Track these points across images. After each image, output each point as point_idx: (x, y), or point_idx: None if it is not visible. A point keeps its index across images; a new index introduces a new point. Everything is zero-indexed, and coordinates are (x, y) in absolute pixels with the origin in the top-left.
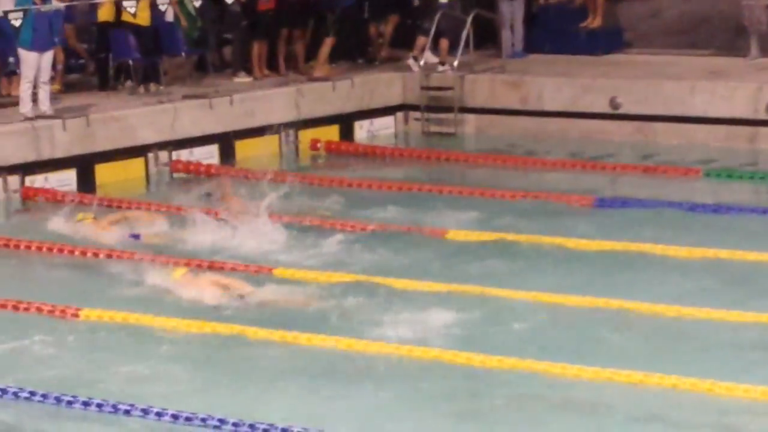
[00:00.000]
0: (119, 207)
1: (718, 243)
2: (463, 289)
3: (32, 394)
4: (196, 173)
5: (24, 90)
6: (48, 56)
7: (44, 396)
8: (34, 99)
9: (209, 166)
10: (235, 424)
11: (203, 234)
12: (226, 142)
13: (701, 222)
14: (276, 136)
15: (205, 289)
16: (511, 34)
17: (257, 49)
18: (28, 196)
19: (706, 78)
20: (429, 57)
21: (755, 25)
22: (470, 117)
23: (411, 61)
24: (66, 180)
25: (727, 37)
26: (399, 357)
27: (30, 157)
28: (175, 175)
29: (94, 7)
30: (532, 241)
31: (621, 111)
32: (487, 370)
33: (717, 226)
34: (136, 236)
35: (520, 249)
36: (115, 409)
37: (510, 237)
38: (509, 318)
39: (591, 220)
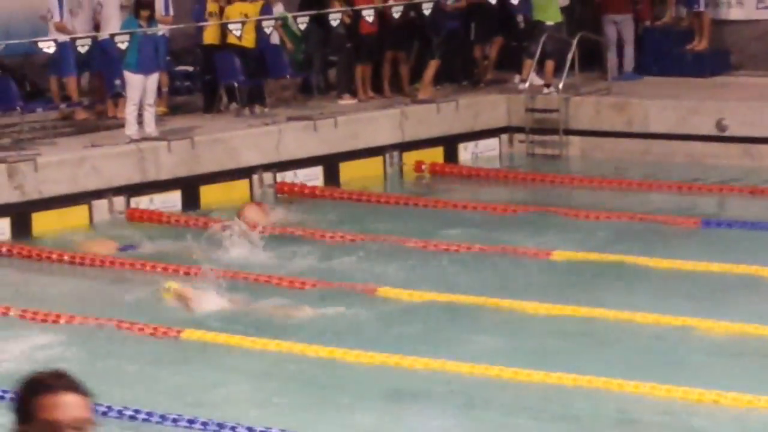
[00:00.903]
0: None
1: None
2: (567, 310)
3: (136, 412)
4: (301, 195)
5: (129, 112)
6: (153, 79)
7: (149, 414)
8: (140, 121)
9: (314, 187)
10: None
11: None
12: (330, 163)
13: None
14: (380, 158)
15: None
16: (619, 56)
17: (361, 71)
18: (134, 217)
19: None
20: (534, 79)
21: None
22: (575, 139)
23: (519, 84)
24: (171, 201)
25: None
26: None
27: (135, 178)
28: (280, 196)
29: (200, 30)
30: (638, 262)
31: (727, 133)
32: (594, 390)
33: None
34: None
35: (625, 270)
36: (220, 427)
37: (615, 258)
38: (615, 338)
39: (697, 242)
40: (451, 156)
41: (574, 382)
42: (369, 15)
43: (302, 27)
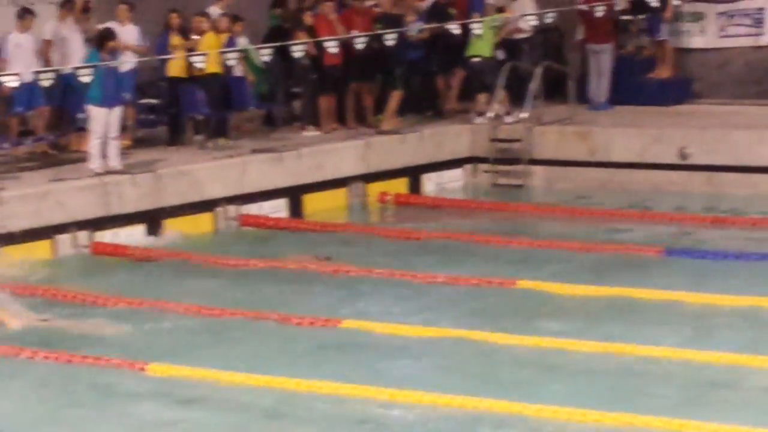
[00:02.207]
0: (188, 259)
1: None
2: (530, 340)
3: None
4: (265, 227)
5: (93, 146)
6: (116, 112)
7: None
8: (104, 155)
9: (278, 219)
10: None
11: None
12: (294, 195)
13: None
14: (345, 189)
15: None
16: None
17: (325, 102)
18: (98, 251)
19: None
20: (498, 109)
21: None
22: (539, 169)
23: (476, 118)
24: (135, 235)
25: None
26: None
27: (99, 212)
28: (244, 229)
29: (163, 63)
30: (601, 292)
31: (690, 161)
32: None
33: None
34: None
35: (588, 299)
36: None
37: (579, 289)
38: (581, 368)
39: (661, 271)
40: (415, 187)
41: (538, 413)
42: (332, 46)
43: (266, 59)
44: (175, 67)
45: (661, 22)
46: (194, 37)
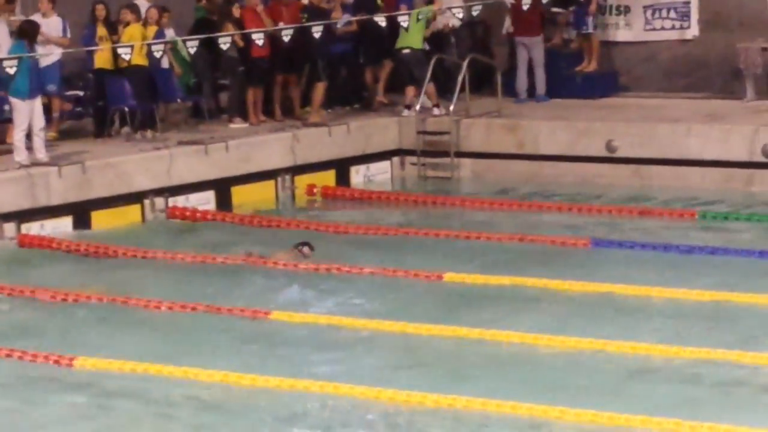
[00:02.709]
0: (114, 254)
1: (714, 285)
2: (460, 331)
3: None
4: (192, 219)
5: (18, 138)
6: (39, 104)
7: None
8: (30, 147)
9: (205, 212)
10: None
11: None
12: (222, 187)
13: (697, 264)
14: (272, 182)
15: None
16: (526, 79)
17: (253, 95)
18: (25, 243)
19: (701, 121)
20: (425, 101)
21: (751, 67)
22: (466, 161)
23: (404, 111)
24: (62, 227)
25: (722, 79)
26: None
27: (26, 204)
28: (171, 221)
29: (90, 54)
30: (528, 284)
31: (617, 154)
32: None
33: (713, 268)
34: None
35: (517, 291)
36: None
37: (506, 280)
38: (509, 360)
39: (587, 263)
40: (343, 179)
41: (466, 405)
42: (259, 38)
43: (192, 51)
44: (101, 59)
45: (588, 16)
46: (123, 28)
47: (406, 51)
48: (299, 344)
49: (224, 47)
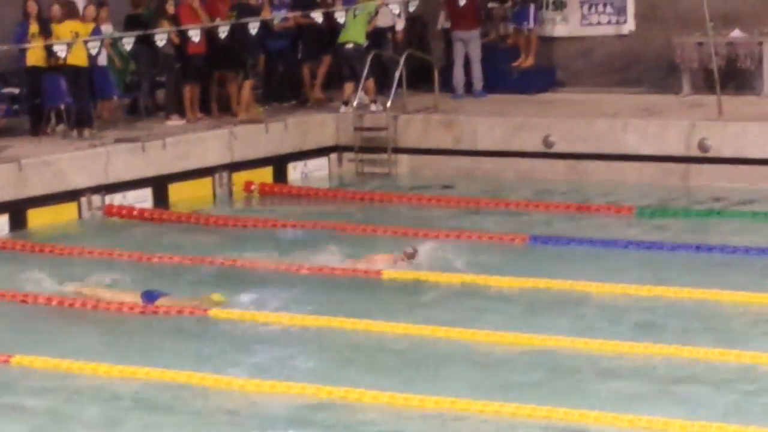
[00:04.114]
0: (51, 252)
1: (651, 280)
2: (398, 327)
3: None
4: (129, 217)
5: None
6: None
7: None
8: None
9: (142, 209)
10: None
11: None
12: (159, 185)
13: (635, 259)
14: (210, 179)
15: None
16: (463, 74)
17: (189, 92)
18: None
19: (638, 116)
20: (362, 97)
21: (687, 62)
22: (404, 157)
23: (341, 107)
24: None
25: (658, 74)
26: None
27: None
28: (109, 219)
29: (23, 51)
30: (467, 280)
31: (554, 150)
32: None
33: (650, 263)
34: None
35: (454, 288)
36: None
37: (444, 277)
38: (444, 357)
39: (524, 259)
40: (280, 176)
41: (405, 402)
42: (195, 35)
43: (129, 48)
44: (34, 57)
45: (530, 11)
46: (56, 25)
47: (349, 46)
48: (237, 341)
49: (160, 44)
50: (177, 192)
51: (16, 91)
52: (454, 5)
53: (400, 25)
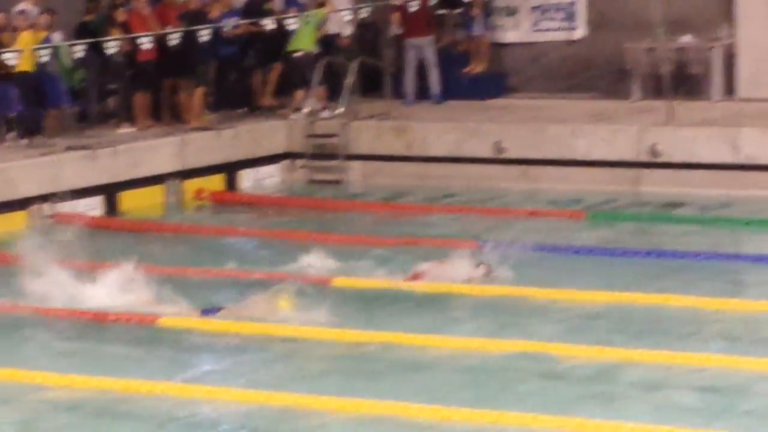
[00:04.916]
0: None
1: (602, 285)
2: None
3: None
4: (80, 225)
5: None
6: None
7: None
8: None
9: (93, 218)
10: None
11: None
12: (110, 193)
13: (586, 264)
14: (161, 187)
15: None
16: (414, 81)
17: (140, 99)
18: None
19: (588, 121)
20: (313, 104)
21: (637, 68)
22: (356, 164)
23: (292, 113)
24: None
25: (609, 80)
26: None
27: None
28: (58, 227)
29: None
30: (416, 288)
31: (505, 155)
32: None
33: (601, 268)
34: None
35: (405, 295)
36: None
37: (394, 284)
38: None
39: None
40: (232, 183)
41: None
42: (146, 42)
43: (76, 56)
44: None
45: (474, 17)
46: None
47: (299, 54)
48: (188, 349)
49: (111, 52)
50: (128, 200)
51: None
52: (406, 12)
53: (347, 31)
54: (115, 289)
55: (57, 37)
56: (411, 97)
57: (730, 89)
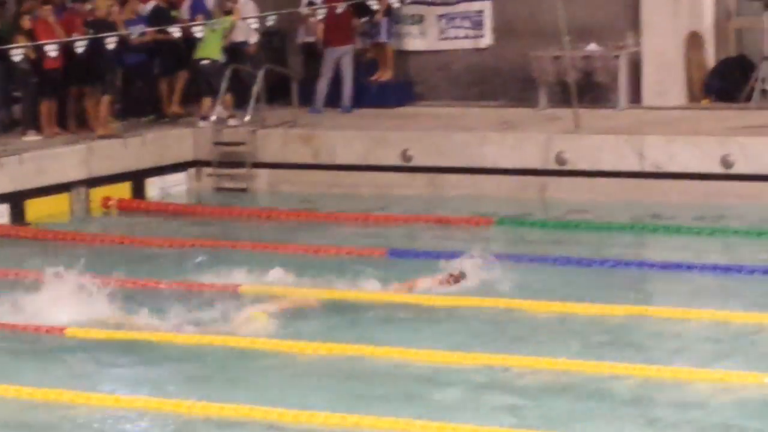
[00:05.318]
0: None
1: (510, 292)
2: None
3: None
4: None
5: None
6: None
7: None
8: None
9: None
10: None
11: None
12: (16, 201)
13: (494, 271)
14: (67, 195)
15: None
16: (325, 88)
17: (46, 107)
18: None
19: (496, 129)
20: (221, 112)
21: (543, 76)
22: (263, 172)
23: (200, 122)
24: None
25: (516, 88)
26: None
27: None
28: None
29: None
30: (325, 295)
31: (413, 163)
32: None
33: (510, 275)
34: None
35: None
36: None
37: (300, 292)
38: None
39: (383, 272)
40: (139, 191)
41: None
42: (52, 50)
43: None
44: None
45: (379, 25)
46: None
47: (205, 62)
48: (95, 360)
49: (16, 59)
50: (34, 208)
51: None
52: (333, 19)
53: (253, 39)
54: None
55: None
56: (320, 105)
57: (635, 97)
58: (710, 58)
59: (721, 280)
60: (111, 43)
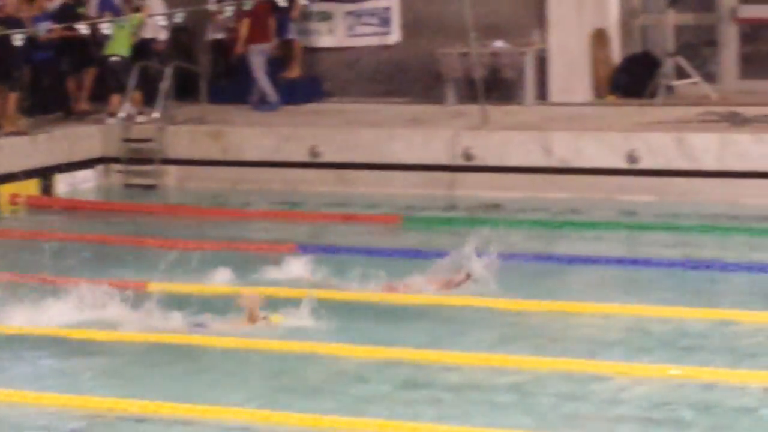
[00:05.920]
0: None
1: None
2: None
3: None
4: None
5: None
6: None
7: None
8: None
9: None
10: None
11: None
12: None
13: (402, 267)
14: None
15: None
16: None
17: None
18: None
19: (404, 125)
20: (129, 109)
21: (451, 72)
22: (172, 168)
23: (108, 119)
24: None
25: (423, 84)
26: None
27: None
28: None
29: None
30: (235, 291)
31: (321, 159)
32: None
33: (418, 270)
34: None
35: (221, 298)
36: None
37: (210, 288)
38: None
39: (294, 268)
40: (47, 188)
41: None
42: None
43: None
44: None
45: (290, 22)
46: None
47: (114, 59)
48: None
49: None
50: None
51: None
52: (258, 17)
53: (162, 36)
54: None
55: None
56: (276, 98)
57: (542, 94)
58: (616, 55)
59: (627, 274)
60: (18, 39)
